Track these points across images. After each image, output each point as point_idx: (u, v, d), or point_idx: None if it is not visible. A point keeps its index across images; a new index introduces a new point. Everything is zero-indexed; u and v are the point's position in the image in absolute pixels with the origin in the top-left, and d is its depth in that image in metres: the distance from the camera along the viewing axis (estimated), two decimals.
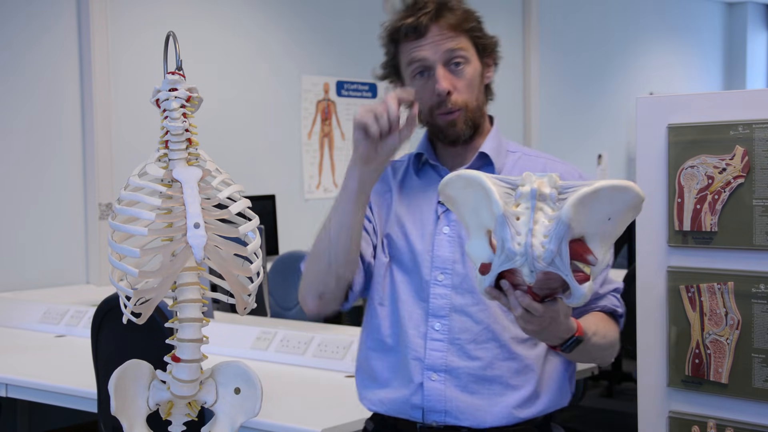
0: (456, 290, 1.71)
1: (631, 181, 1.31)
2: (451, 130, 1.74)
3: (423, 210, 1.77)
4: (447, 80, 1.71)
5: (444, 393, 1.70)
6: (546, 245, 1.28)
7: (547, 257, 1.28)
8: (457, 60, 1.72)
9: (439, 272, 1.72)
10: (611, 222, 1.31)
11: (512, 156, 1.80)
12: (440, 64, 1.71)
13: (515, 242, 1.29)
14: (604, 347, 1.70)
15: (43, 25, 4.85)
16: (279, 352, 3.10)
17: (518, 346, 1.71)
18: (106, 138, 5.01)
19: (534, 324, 1.43)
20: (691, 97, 2.19)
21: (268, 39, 5.93)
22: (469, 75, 1.74)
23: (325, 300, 1.76)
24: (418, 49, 1.72)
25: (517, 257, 1.30)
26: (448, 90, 1.71)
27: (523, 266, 1.30)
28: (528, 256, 1.29)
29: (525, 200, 1.31)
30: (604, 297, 1.76)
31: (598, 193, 1.28)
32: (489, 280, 1.37)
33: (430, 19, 1.71)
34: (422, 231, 1.75)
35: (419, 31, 1.71)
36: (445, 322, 1.70)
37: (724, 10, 10.09)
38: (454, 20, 1.72)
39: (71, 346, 3.51)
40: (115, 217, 1.56)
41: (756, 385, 2.05)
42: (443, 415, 1.70)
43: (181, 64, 1.64)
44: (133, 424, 1.60)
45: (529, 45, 7.60)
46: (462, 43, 1.73)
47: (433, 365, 1.70)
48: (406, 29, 1.72)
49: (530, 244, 1.28)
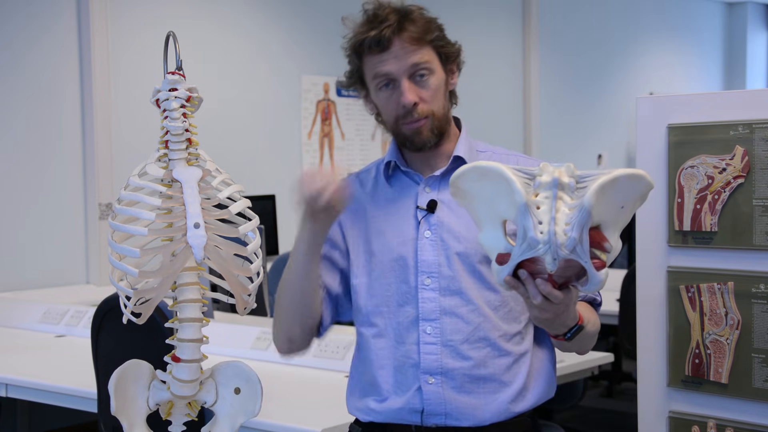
0: (444, 293, 1.72)
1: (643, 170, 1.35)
2: (417, 138, 1.76)
3: (401, 216, 1.78)
4: (412, 92, 1.73)
5: (442, 395, 1.70)
6: (569, 233, 1.30)
7: (569, 245, 1.31)
8: (421, 72, 1.74)
9: (425, 276, 1.73)
10: (624, 210, 1.35)
11: (483, 155, 1.82)
12: (405, 78, 1.73)
13: (538, 231, 1.32)
14: (593, 335, 1.74)
15: (43, 25, 4.85)
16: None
17: (507, 342, 1.73)
18: (106, 138, 5.01)
19: (550, 312, 1.45)
20: (691, 97, 2.19)
21: (268, 39, 5.93)
22: (434, 85, 1.75)
23: (296, 343, 1.83)
24: (381, 63, 1.74)
25: (540, 245, 1.32)
26: (414, 102, 1.72)
27: (546, 254, 1.33)
28: (551, 244, 1.31)
29: (545, 189, 1.33)
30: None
31: (616, 182, 1.32)
32: (508, 270, 1.38)
33: (392, 32, 1.72)
34: (403, 237, 1.76)
35: (382, 44, 1.72)
36: (436, 325, 1.72)
37: (724, 10, 10.09)
38: (417, 33, 1.73)
39: (71, 346, 3.51)
40: (115, 217, 1.56)
41: (756, 385, 2.05)
42: (444, 418, 1.71)
43: (181, 64, 1.64)
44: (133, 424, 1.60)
45: (529, 45, 7.60)
46: (425, 55, 1.74)
47: (429, 368, 1.71)
48: (369, 42, 1.73)
49: (554, 232, 1.31)
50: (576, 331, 1.60)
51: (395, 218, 1.79)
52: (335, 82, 1.91)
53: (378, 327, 1.78)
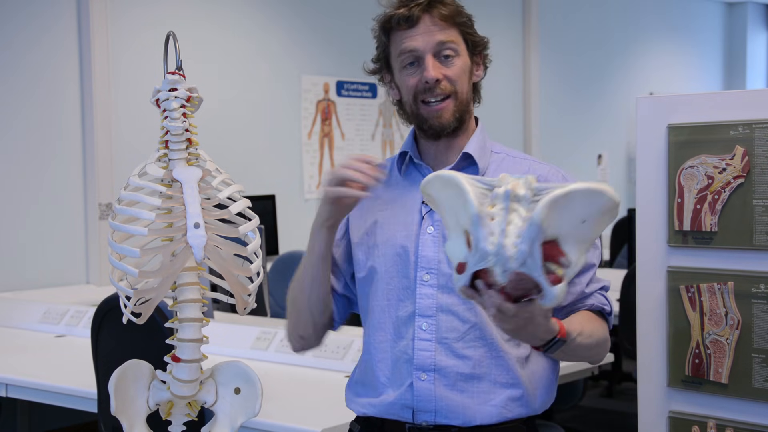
0: (442, 290, 1.72)
1: (606, 185, 1.32)
2: (436, 120, 1.75)
3: (407, 210, 1.78)
4: (437, 69, 1.74)
5: (433, 392, 1.70)
6: (518, 245, 1.29)
7: (519, 257, 1.29)
8: (447, 53, 1.75)
9: (424, 272, 1.73)
10: (586, 225, 1.32)
11: (496, 157, 1.81)
12: (430, 54, 1.74)
13: (488, 242, 1.31)
14: (591, 346, 1.70)
15: (43, 25, 4.85)
16: (279, 352, 3.10)
17: (505, 344, 1.71)
18: (106, 138, 5.01)
19: (509, 324, 1.44)
20: (691, 97, 2.19)
21: (268, 39, 5.93)
22: (458, 66, 1.76)
23: (308, 340, 1.87)
24: (409, 39, 1.75)
25: (490, 257, 1.31)
26: (436, 78, 1.73)
27: (496, 266, 1.32)
28: (500, 256, 1.30)
29: (500, 201, 1.32)
30: (591, 296, 1.75)
31: (569, 196, 1.29)
32: (464, 280, 1.38)
33: (422, 10, 1.74)
34: (407, 231, 1.76)
35: (411, 20, 1.74)
36: (431, 322, 1.71)
37: (724, 10, 10.09)
38: (447, 12, 1.75)
39: (71, 346, 3.51)
40: (115, 217, 1.56)
41: (756, 385, 2.05)
42: (433, 415, 1.70)
43: (181, 64, 1.64)
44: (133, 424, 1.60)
45: (529, 45, 7.60)
46: (452, 35, 1.76)
47: (422, 365, 1.71)
48: (398, 18, 1.75)
49: (503, 244, 1.30)
50: (555, 344, 1.57)
51: (402, 212, 1.79)
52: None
53: (378, 320, 1.78)
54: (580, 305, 1.75)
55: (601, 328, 1.75)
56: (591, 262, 1.75)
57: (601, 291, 1.77)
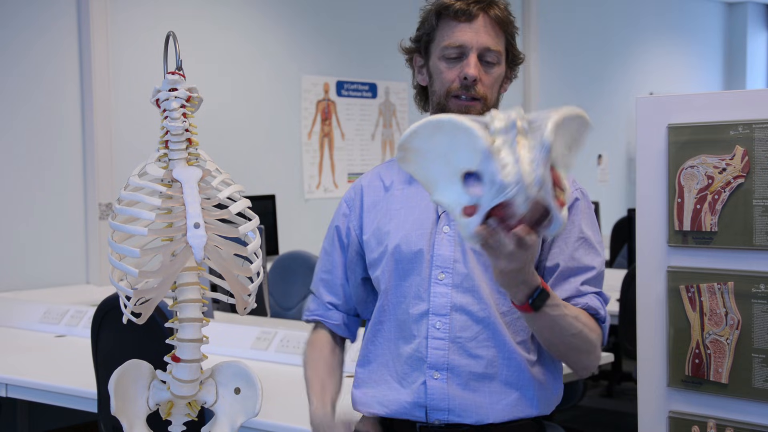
0: (457, 289, 1.71)
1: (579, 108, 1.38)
2: None
3: (423, 209, 1.78)
4: (478, 69, 1.76)
5: (446, 391, 1.70)
6: (535, 170, 1.29)
7: (538, 182, 1.30)
8: (490, 59, 1.77)
9: (439, 271, 1.73)
10: (570, 153, 1.37)
11: None
12: (475, 53, 1.75)
13: (504, 173, 1.30)
14: (576, 332, 1.64)
15: (43, 25, 4.85)
16: (279, 352, 3.09)
17: (517, 346, 1.71)
18: (106, 138, 5.01)
19: (519, 261, 1.41)
20: (691, 97, 2.19)
21: (268, 39, 5.93)
22: (495, 75, 1.79)
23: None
24: (460, 31, 1.76)
25: (510, 187, 1.30)
26: (475, 77, 1.74)
27: (518, 195, 1.31)
28: (521, 184, 1.30)
29: (502, 134, 1.32)
30: (585, 296, 1.72)
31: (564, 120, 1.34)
32: (478, 219, 1.35)
33: (480, 9, 1.76)
34: (422, 231, 1.76)
35: (468, 14, 1.76)
36: (445, 321, 1.71)
37: (724, 10, 10.09)
38: (502, 15, 1.78)
39: (71, 346, 3.51)
40: (116, 217, 1.56)
41: (756, 385, 2.05)
42: (446, 413, 1.71)
43: (181, 64, 1.64)
44: (133, 424, 1.60)
45: (529, 45, 7.60)
46: (500, 44, 1.78)
47: (435, 364, 1.71)
48: (455, 10, 1.76)
49: (521, 171, 1.29)
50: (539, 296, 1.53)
51: (416, 210, 1.79)
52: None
53: (387, 317, 1.78)
54: (572, 303, 1.72)
55: (590, 324, 1.69)
56: (590, 264, 1.72)
57: (597, 296, 1.73)
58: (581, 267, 1.71)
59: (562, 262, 1.71)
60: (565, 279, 1.71)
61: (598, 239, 1.76)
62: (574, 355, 1.71)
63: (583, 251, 1.72)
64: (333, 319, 1.89)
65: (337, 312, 1.89)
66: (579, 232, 1.73)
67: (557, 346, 1.68)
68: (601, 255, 1.76)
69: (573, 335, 1.64)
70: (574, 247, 1.71)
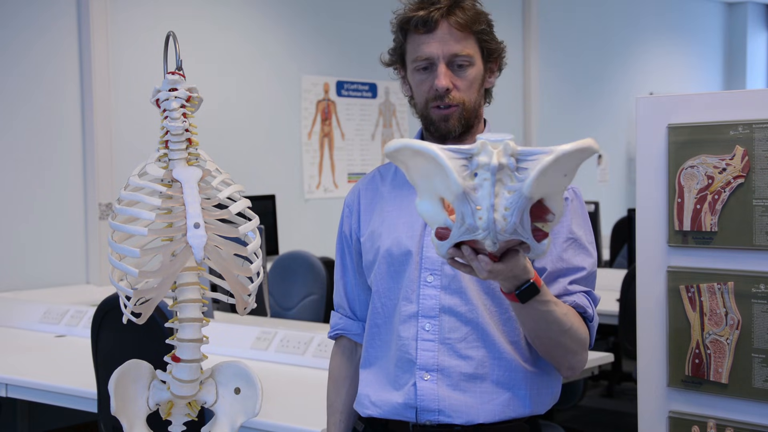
0: (445, 291, 1.72)
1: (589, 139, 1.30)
2: (443, 124, 1.76)
3: (413, 211, 1.78)
4: (447, 78, 1.74)
5: (436, 392, 1.70)
6: (508, 218, 1.27)
7: (509, 229, 1.28)
8: (460, 62, 1.75)
9: (428, 273, 1.73)
10: (566, 177, 1.31)
11: None
12: (443, 63, 1.74)
13: (476, 217, 1.28)
14: (564, 329, 1.63)
15: (43, 25, 4.85)
16: (279, 352, 3.10)
17: (507, 346, 1.71)
18: (106, 138, 5.01)
19: (497, 275, 1.43)
20: (691, 97, 2.19)
21: (268, 39, 5.93)
22: (470, 77, 1.77)
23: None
24: (424, 44, 1.75)
25: (479, 231, 1.29)
26: (447, 87, 1.73)
27: (486, 239, 1.30)
28: (491, 230, 1.28)
29: (482, 171, 1.28)
30: (573, 294, 1.71)
31: (558, 161, 1.27)
32: (448, 245, 1.35)
33: (441, 15, 1.73)
34: (411, 233, 1.76)
35: (429, 25, 1.74)
36: (434, 322, 1.71)
37: (724, 10, 10.09)
38: (464, 20, 1.74)
39: (71, 346, 3.51)
40: (116, 217, 1.56)
41: (756, 385, 2.05)
42: (436, 414, 1.71)
43: (181, 64, 1.64)
44: (133, 424, 1.60)
45: (529, 45, 7.60)
46: (468, 46, 1.75)
47: (425, 365, 1.71)
48: (416, 21, 1.75)
49: (492, 219, 1.27)
50: (527, 287, 1.51)
51: (407, 212, 1.79)
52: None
53: (382, 320, 1.79)
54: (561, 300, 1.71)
55: (578, 322, 1.68)
56: (579, 265, 1.71)
57: (586, 295, 1.72)
58: (570, 267, 1.70)
59: (549, 265, 1.69)
60: (554, 280, 1.70)
61: (589, 239, 1.75)
62: (559, 353, 1.70)
63: (572, 252, 1.71)
64: (353, 330, 1.90)
65: (355, 322, 1.90)
66: (568, 232, 1.71)
67: (543, 340, 1.67)
68: (593, 255, 1.74)
69: (561, 332, 1.64)
70: (562, 248, 1.70)
